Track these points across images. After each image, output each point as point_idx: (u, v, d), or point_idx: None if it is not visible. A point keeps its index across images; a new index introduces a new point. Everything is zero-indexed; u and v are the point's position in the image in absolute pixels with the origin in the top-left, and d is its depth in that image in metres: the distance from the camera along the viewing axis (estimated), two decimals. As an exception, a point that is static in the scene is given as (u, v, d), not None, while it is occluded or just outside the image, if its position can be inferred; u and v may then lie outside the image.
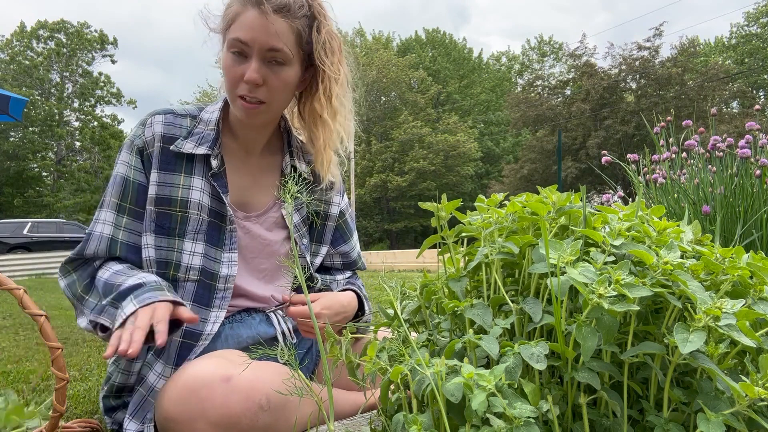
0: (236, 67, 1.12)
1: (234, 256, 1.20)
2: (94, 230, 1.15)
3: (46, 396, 1.66)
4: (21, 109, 6.78)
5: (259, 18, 1.10)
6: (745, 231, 2.40)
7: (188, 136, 1.18)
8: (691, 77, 24.90)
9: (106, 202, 1.17)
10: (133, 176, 1.16)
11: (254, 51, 1.11)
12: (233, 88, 1.14)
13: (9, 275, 8.61)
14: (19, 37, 29.41)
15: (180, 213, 1.16)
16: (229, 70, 1.13)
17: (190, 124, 1.20)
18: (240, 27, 1.11)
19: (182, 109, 1.22)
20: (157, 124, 1.18)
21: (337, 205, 1.38)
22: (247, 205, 1.25)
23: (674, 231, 0.81)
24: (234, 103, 1.17)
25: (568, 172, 25.20)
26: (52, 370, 0.85)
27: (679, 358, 0.68)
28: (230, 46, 1.12)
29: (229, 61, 1.13)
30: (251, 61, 1.11)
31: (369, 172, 30.46)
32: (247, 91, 1.13)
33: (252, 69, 1.11)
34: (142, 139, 1.17)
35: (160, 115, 1.19)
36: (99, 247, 1.14)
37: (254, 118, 1.17)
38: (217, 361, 1.00)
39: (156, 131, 1.17)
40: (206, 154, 1.18)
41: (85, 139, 30.21)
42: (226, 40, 1.14)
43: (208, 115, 1.22)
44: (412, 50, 37.42)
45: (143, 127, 1.18)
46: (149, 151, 1.17)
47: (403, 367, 0.76)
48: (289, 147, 1.32)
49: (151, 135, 1.17)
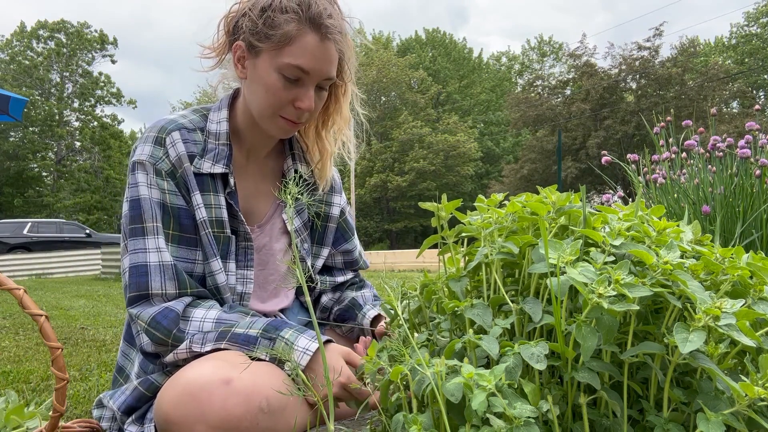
0: (288, 92, 1.09)
1: (249, 273, 1.19)
2: (148, 261, 1.06)
3: (46, 396, 1.66)
4: (21, 109, 6.77)
5: (320, 46, 1.07)
6: (745, 231, 2.40)
7: (204, 154, 1.14)
8: (691, 77, 24.90)
9: (149, 229, 1.07)
10: (171, 201, 1.10)
11: (311, 80, 1.09)
12: (276, 110, 1.11)
13: (9, 275, 8.61)
14: (19, 37, 29.41)
15: (224, 234, 1.15)
16: (279, 92, 1.09)
17: (202, 139, 1.15)
18: (301, 53, 1.06)
19: (189, 122, 1.16)
20: (178, 143, 1.12)
21: (338, 206, 1.38)
22: (249, 214, 1.24)
23: (674, 231, 0.81)
24: (271, 120, 1.13)
25: (568, 172, 25.20)
26: (52, 370, 0.85)
27: (679, 358, 0.68)
28: (285, 70, 1.07)
29: (279, 83, 1.08)
30: (305, 87, 1.09)
31: (369, 172, 30.46)
32: (296, 116, 1.12)
33: (309, 97, 1.10)
34: (168, 162, 1.11)
35: (175, 131, 1.13)
36: (165, 283, 1.06)
37: (291, 134, 1.18)
38: (217, 363, 0.99)
39: (180, 151, 1.11)
40: (225, 173, 1.15)
41: (85, 139, 30.21)
42: (277, 61, 1.07)
43: (215, 126, 1.17)
44: (412, 50, 37.41)
45: (162, 147, 1.11)
46: (180, 172, 1.11)
47: (403, 367, 0.76)
48: (291, 150, 1.30)
49: (176, 155, 1.11)
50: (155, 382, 1.09)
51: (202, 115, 1.20)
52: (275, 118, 1.12)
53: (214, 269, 1.12)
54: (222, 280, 1.13)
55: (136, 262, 1.06)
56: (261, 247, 1.25)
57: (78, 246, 14.50)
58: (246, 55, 1.13)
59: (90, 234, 15.74)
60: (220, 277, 1.13)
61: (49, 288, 7.88)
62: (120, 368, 1.18)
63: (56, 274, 12.21)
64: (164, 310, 1.05)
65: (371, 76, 29.57)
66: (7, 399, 1.11)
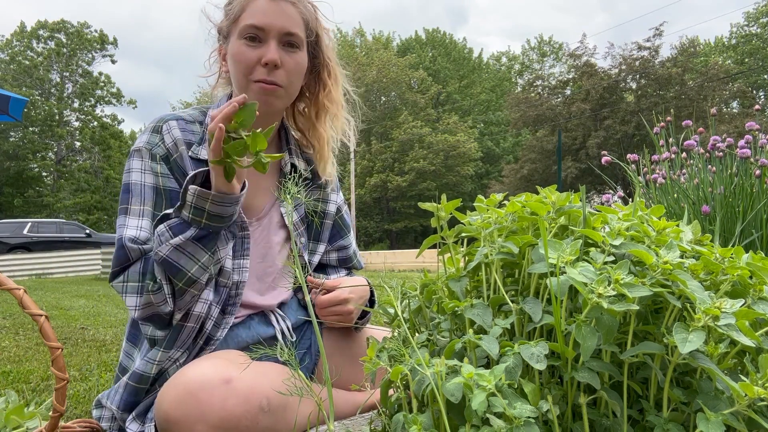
0: (251, 52, 1.13)
1: (246, 262, 1.19)
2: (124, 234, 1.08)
3: (46, 396, 1.66)
4: (21, 109, 6.77)
5: (272, 4, 1.14)
6: (745, 231, 2.40)
7: (201, 142, 1.17)
8: (691, 77, 24.90)
9: (137, 211, 1.10)
10: (163, 183, 1.13)
11: (270, 35, 1.13)
12: (248, 74, 1.15)
13: (9, 275, 8.61)
14: (19, 37, 29.41)
15: None
16: (243, 56, 1.14)
17: (200, 130, 1.19)
18: (253, 14, 1.13)
19: (188, 115, 1.21)
20: (174, 129, 1.16)
21: (334, 203, 1.39)
22: (248, 209, 1.24)
23: (673, 231, 0.81)
24: (248, 89, 1.16)
25: (568, 172, 25.20)
26: (52, 370, 0.85)
27: (679, 358, 0.68)
28: (242, 34, 1.13)
29: (241, 48, 1.14)
30: (267, 45, 1.13)
31: (369, 172, 30.47)
32: (266, 74, 1.14)
33: (272, 50, 1.13)
34: (163, 147, 1.14)
35: (173, 120, 1.17)
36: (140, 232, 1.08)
37: (273, 101, 1.17)
38: (217, 362, 0.99)
39: (176, 136, 1.15)
40: None
41: (85, 139, 30.22)
42: (237, 31, 1.15)
43: None
44: (412, 50, 37.42)
45: (158, 134, 1.15)
46: (175, 156, 1.15)
47: (403, 367, 0.76)
48: (287, 145, 1.31)
49: (172, 141, 1.15)
50: (143, 373, 1.10)
51: (201, 111, 1.24)
52: (251, 84, 1.15)
53: None
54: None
55: (119, 237, 1.08)
56: (260, 240, 1.25)
57: (78, 246, 14.50)
58: (223, 48, 1.22)
59: (90, 234, 15.74)
60: None
61: (49, 288, 7.89)
62: (123, 368, 1.18)
63: (56, 274, 12.21)
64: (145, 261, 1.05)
65: (371, 76, 29.58)
66: (7, 399, 1.11)
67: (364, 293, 1.28)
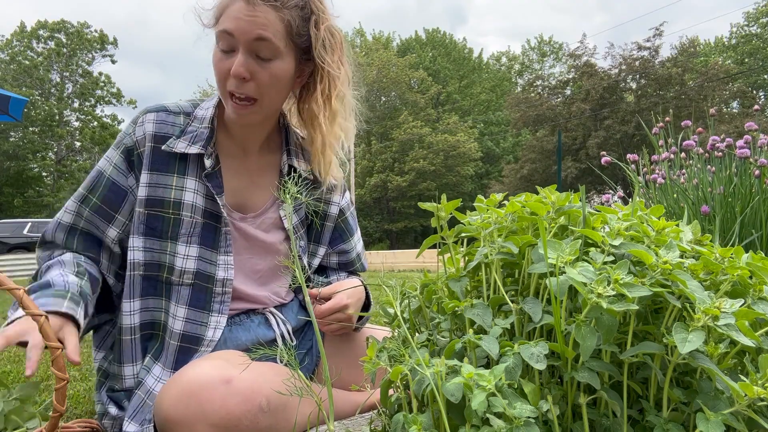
0: (224, 62, 1.09)
1: (230, 258, 1.17)
2: (58, 217, 1.16)
3: (46, 396, 1.66)
4: (21, 109, 6.77)
5: (246, 8, 1.05)
6: (744, 231, 2.40)
7: (181, 135, 1.14)
8: (691, 77, 24.90)
9: (76, 193, 1.17)
10: (110, 173, 1.14)
11: (240, 43, 1.07)
12: (222, 85, 1.11)
13: (9, 275, 8.60)
14: (19, 37, 29.39)
15: (172, 215, 1.13)
16: (216, 65, 1.10)
17: (183, 122, 1.16)
18: (227, 18, 1.08)
19: (175, 106, 1.18)
20: (148, 123, 1.14)
21: (336, 205, 1.36)
22: (244, 206, 1.23)
23: (673, 231, 0.81)
24: (225, 101, 1.13)
25: (568, 172, 25.20)
26: (52, 370, 0.85)
27: (679, 358, 0.68)
28: (219, 40, 1.10)
29: (217, 56, 1.10)
30: (237, 54, 1.08)
31: (369, 172, 30.45)
32: (235, 86, 1.09)
33: (237, 63, 1.06)
34: (132, 139, 1.14)
35: (152, 113, 1.15)
36: (56, 234, 1.15)
37: (245, 117, 1.13)
38: (217, 362, 0.99)
39: (147, 130, 1.14)
40: (200, 154, 1.14)
41: (85, 139, 30.20)
42: (216, 35, 1.11)
43: (203, 112, 1.18)
44: (412, 50, 37.40)
45: (134, 125, 1.15)
46: (140, 151, 1.14)
47: (403, 367, 0.76)
48: (287, 145, 1.28)
49: (142, 134, 1.14)
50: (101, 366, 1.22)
51: (193, 104, 1.21)
52: (226, 96, 1.12)
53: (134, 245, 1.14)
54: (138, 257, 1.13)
55: (56, 217, 1.16)
56: (251, 236, 1.23)
57: (78, 246, 14.49)
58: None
59: (90, 234, 15.72)
60: (135, 254, 1.13)
61: (49, 288, 7.86)
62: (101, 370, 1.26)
63: (56, 274, 12.19)
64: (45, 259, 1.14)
65: (371, 76, 29.56)
66: (9, 395, 1.10)
67: (361, 294, 1.27)
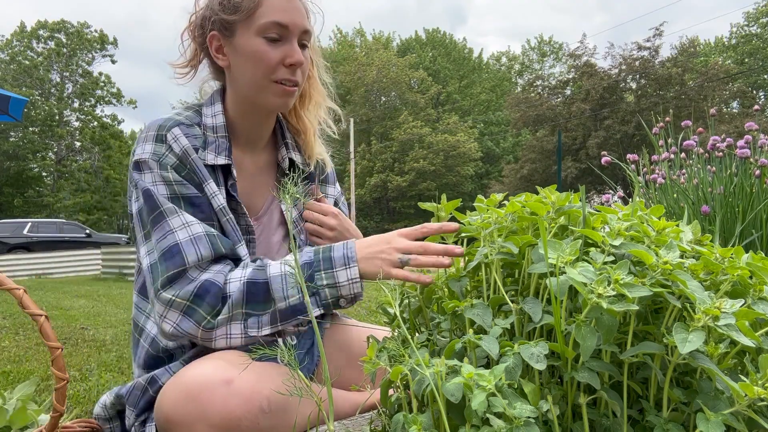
0: (274, 52, 1.10)
1: None
2: (178, 239, 1.02)
3: (46, 396, 1.66)
4: (21, 109, 6.77)
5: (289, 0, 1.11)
6: (745, 231, 2.40)
7: (205, 146, 1.13)
8: (691, 77, 24.90)
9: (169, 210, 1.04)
10: (181, 192, 1.07)
11: (293, 34, 1.11)
12: (270, 74, 1.11)
13: (9, 275, 8.61)
14: (19, 37, 29.40)
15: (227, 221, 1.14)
16: (267, 54, 1.10)
17: (201, 133, 1.15)
18: (273, 10, 1.09)
19: (185, 119, 1.15)
20: (180, 137, 1.10)
21: (332, 197, 1.38)
22: (248, 209, 1.23)
23: (673, 231, 0.81)
24: (267, 89, 1.13)
25: (568, 172, 25.20)
26: (52, 370, 0.85)
27: (679, 358, 0.68)
28: (264, 31, 1.09)
29: (264, 46, 1.10)
30: (288, 44, 1.11)
31: (369, 172, 30.45)
32: (290, 74, 1.11)
33: (297, 51, 1.11)
34: (173, 157, 1.09)
35: (175, 128, 1.11)
36: (200, 249, 1.02)
37: (290, 101, 1.15)
38: (218, 363, 0.99)
39: (184, 144, 1.10)
40: (227, 164, 1.14)
41: (85, 139, 30.21)
42: (253, 27, 1.10)
43: (211, 120, 1.17)
44: (412, 50, 37.42)
45: (163, 144, 1.09)
46: (188, 165, 1.10)
47: (403, 367, 0.76)
48: (284, 139, 1.29)
49: (181, 149, 1.09)
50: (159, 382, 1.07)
51: (195, 111, 1.19)
52: (270, 85, 1.12)
53: (241, 254, 1.12)
54: None
55: (166, 246, 1.02)
56: (261, 239, 1.24)
57: (78, 246, 14.51)
58: (222, 41, 1.15)
59: (90, 234, 15.74)
60: None
61: (49, 288, 7.88)
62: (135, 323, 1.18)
63: (56, 274, 12.21)
64: (205, 284, 1.00)
65: (371, 76, 29.57)
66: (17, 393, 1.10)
67: (351, 235, 1.28)
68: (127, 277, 10.00)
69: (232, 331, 1.01)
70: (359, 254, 1.03)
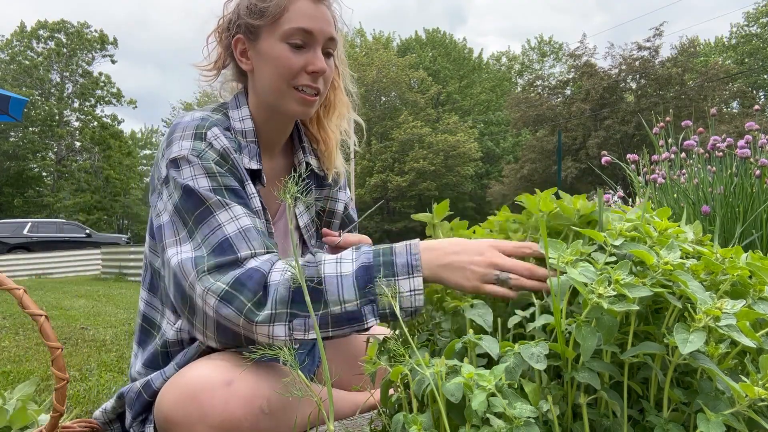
0: (297, 59, 1.09)
1: None
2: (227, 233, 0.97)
3: (46, 396, 1.66)
4: (21, 109, 6.77)
5: (315, 7, 1.10)
6: (745, 231, 2.39)
7: (240, 150, 1.12)
8: (691, 77, 24.89)
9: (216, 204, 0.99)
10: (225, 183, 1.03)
11: (318, 42, 1.10)
12: (290, 80, 1.10)
13: (9, 275, 8.59)
14: (19, 37, 29.39)
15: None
16: (289, 60, 1.09)
17: (233, 137, 1.13)
18: (299, 17, 1.08)
19: (218, 120, 1.12)
20: (220, 136, 1.07)
21: (343, 202, 1.38)
22: None
23: (675, 231, 0.81)
24: (287, 95, 1.12)
25: (568, 172, 25.19)
26: (52, 370, 0.85)
27: (679, 358, 0.68)
28: (288, 37, 1.08)
29: (287, 52, 1.09)
30: (312, 51, 1.10)
31: (369, 172, 30.45)
32: (311, 81, 1.11)
33: (320, 59, 1.10)
34: (214, 153, 1.05)
35: (214, 127, 1.08)
36: (252, 243, 0.97)
37: (311, 109, 1.14)
38: (218, 363, 0.99)
39: (224, 143, 1.07)
40: (258, 170, 1.14)
41: (85, 139, 30.19)
42: (278, 32, 1.09)
43: (239, 125, 1.15)
44: (412, 50, 37.40)
45: (203, 141, 1.05)
46: (230, 161, 1.07)
47: (403, 367, 0.76)
48: (301, 143, 1.28)
49: (222, 148, 1.06)
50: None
51: (223, 114, 1.17)
52: (291, 91, 1.11)
53: None
54: None
55: (216, 242, 0.96)
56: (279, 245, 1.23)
57: (78, 246, 14.51)
58: (247, 45, 1.14)
59: (90, 234, 15.75)
60: None
61: (49, 288, 7.88)
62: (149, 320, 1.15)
63: (56, 274, 12.21)
64: (249, 270, 0.93)
65: (371, 76, 29.56)
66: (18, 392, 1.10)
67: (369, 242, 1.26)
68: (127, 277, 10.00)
69: (275, 332, 0.92)
70: (435, 261, 0.91)
